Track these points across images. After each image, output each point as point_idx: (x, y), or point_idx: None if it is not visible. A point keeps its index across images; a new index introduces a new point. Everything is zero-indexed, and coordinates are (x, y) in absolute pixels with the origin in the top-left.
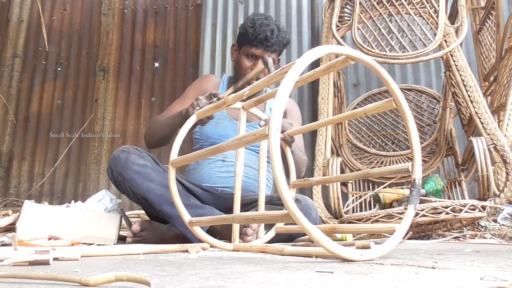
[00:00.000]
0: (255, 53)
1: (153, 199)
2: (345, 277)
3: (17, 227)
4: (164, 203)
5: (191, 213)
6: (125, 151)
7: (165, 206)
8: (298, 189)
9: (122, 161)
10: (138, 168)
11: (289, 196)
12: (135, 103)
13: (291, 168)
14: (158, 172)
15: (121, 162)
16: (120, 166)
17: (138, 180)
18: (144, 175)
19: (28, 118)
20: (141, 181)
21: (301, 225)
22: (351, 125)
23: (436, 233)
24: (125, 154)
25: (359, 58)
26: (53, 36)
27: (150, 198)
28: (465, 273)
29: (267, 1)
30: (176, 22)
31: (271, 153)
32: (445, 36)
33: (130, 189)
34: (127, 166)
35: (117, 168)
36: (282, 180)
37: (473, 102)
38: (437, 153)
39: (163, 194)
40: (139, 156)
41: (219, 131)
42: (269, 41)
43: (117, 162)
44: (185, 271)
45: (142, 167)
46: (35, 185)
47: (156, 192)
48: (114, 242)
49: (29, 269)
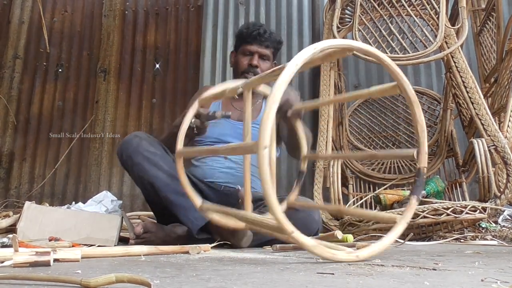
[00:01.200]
0: (250, 50)
1: (160, 186)
2: (346, 278)
3: (17, 228)
4: (170, 191)
5: (192, 207)
6: (138, 136)
7: (170, 194)
8: (300, 191)
9: (134, 145)
10: (148, 155)
11: (280, 213)
12: (136, 105)
13: (303, 141)
14: (167, 161)
15: (132, 146)
16: (131, 150)
17: (147, 166)
18: (153, 162)
19: (29, 119)
20: (149, 167)
21: (294, 241)
22: (352, 126)
23: (437, 234)
24: (137, 140)
25: (359, 48)
26: (54, 38)
27: (157, 185)
28: (466, 275)
29: (268, 2)
30: (177, 23)
31: (259, 171)
32: (446, 37)
33: (137, 174)
34: (138, 151)
35: (128, 151)
36: (273, 196)
37: (474, 104)
38: (438, 155)
39: (170, 183)
40: (150, 143)
41: (218, 131)
42: (263, 36)
43: (128, 146)
44: (186, 273)
45: (152, 154)
46: (35, 186)
47: (162, 180)
48: (115, 243)
49: (29, 270)
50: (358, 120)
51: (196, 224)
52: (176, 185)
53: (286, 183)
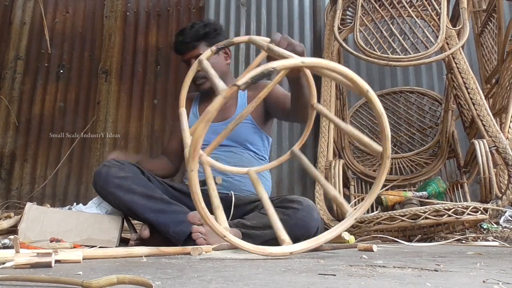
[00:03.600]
0: (184, 59)
1: (137, 210)
2: (348, 279)
3: (19, 229)
4: (147, 212)
5: (174, 219)
6: (106, 165)
7: (148, 214)
8: (300, 191)
9: (103, 175)
10: (119, 182)
11: (211, 218)
12: (137, 105)
13: (311, 89)
14: (139, 182)
15: (102, 176)
16: (102, 181)
17: (120, 193)
18: (125, 187)
19: (30, 120)
20: (123, 193)
21: (229, 241)
22: (353, 127)
23: (438, 235)
24: (105, 169)
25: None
26: (56, 39)
27: (134, 209)
28: (468, 276)
29: (269, 4)
30: (178, 24)
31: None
32: (447, 38)
33: (114, 202)
34: (108, 181)
35: (100, 183)
36: (201, 204)
37: (475, 105)
38: (439, 156)
39: (146, 204)
40: (120, 168)
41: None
42: (184, 42)
43: (99, 177)
44: (187, 274)
45: (122, 180)
46: (37, 187)
47: (138, 202)
48: (116, 244)
49: (31, 271)
50: (359, 121)
51: (177, 239)
52: (152, 203)
53: (287, 183)
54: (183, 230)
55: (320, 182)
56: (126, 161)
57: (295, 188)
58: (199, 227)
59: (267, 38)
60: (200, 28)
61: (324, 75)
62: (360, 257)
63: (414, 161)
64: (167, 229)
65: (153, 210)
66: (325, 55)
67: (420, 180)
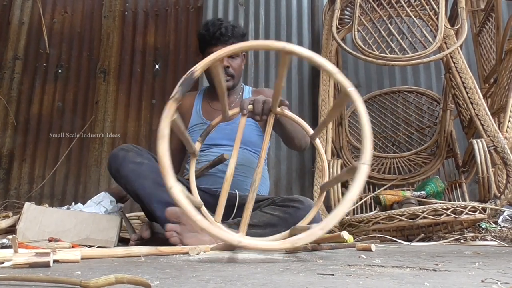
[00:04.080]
0: (210, 51)
1: (144, 197)
2: (346, 279)
3: (17, 229)
4: (152, 201)
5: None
6: (123, 149)
7: (153, 204)
8: (298, 190)
9: (120, 158)
10: (134, 166)
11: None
12: (135, 105)
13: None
14: (154, 169)
15: (119, 159)
16: (118, 164)
17: (132, 177)
18: (139, 173)
19: (29, 120)
20: (135, 178)
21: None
22: (352, 127)
23: (437, 235)
24: (123, 152)
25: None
26: (54, 38)
27: (141, 196)
28: (467, 276)
29: (268, 3)
30: (176, 24)
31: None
32: (445, 38)
33: (125, 186)
34: (124, 164)
35: (115, 165)
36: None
37: (473, 104)
38: (438, 155)
39: (152, 192)
40: (137, 154)
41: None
42: (225, 35)
43: (115, 160)
44: (185, 274)
45: (138, 165)
46: (35, 187)
47: (147, 190)
48: (115, 244)
49: (29, 271)
50: (357, 120)
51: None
52: (160, 193)
53: (286, 183)
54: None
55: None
56: (143, 148)
57: (293, 188)
58: (174, 226)
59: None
60: (240, 31)
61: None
62: (359, 256)
63: (412, 161)
64: (165, 221)
65: (158, 200)
66: (324, 55)
67: (419, 179)
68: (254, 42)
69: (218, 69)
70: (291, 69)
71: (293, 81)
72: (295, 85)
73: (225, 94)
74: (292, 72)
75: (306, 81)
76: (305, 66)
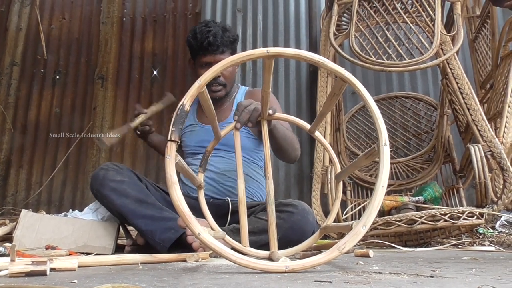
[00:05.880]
0: (206, 61)
1: (126, 214)
2: (343, 286)
3: (14, 237)
4: (136, 217)
5: (162, 225)
6: (103, 168)
7: (137, 220)
8: (297, 195)
9: (100, 178)
10: (115, 185)
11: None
12: (133, 111)
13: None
14: (135, 187)
15: (99, 179)
16: (98, 183)
17: (114, 196)
18: (120, 191)
19: (26, 126)
20: (116, 197)
21: (205, 244)
22: (349, 133)
23: (434, 240)
24: (103, 172)
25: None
26: (52, 44)
27: (124, 214)
28: (463, 282)
29: (266, 9)
30: (174, 30)
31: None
32: (442, 44)
33: (107, 205)
34: (104, 183)
35: (96, 185)
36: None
37: (470, 110)
38: (435, 160)
39: (136, 209)
40: (117, 172)
41: (195, 138)
42: (214, 45)
43: (96, 180)
44: (183, 282)
45: (118, 184)
46: (32, 194)
47: (129, 207)
48: (112, 251)
49: (25, 280)
50: (355, 126)
51: (163, 246)
52: (143, 209)
53: (284, 188)
54: (169, 237)
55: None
56: (124, 165)
57: (292, 193)
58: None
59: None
60: (231, 36)
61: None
62: (357, 263)
63: (410, 166)
64: (153, 236)
65: (142, 216)
66: None
67: (416, 185)
68: (236, 56)
69: (205, 95)
70: (289, 74)
71: (291, 86)
72: (293, 90)
73: (215, 118)
74: (290, 77)
75: (304, 86)
76: (303, 71)
